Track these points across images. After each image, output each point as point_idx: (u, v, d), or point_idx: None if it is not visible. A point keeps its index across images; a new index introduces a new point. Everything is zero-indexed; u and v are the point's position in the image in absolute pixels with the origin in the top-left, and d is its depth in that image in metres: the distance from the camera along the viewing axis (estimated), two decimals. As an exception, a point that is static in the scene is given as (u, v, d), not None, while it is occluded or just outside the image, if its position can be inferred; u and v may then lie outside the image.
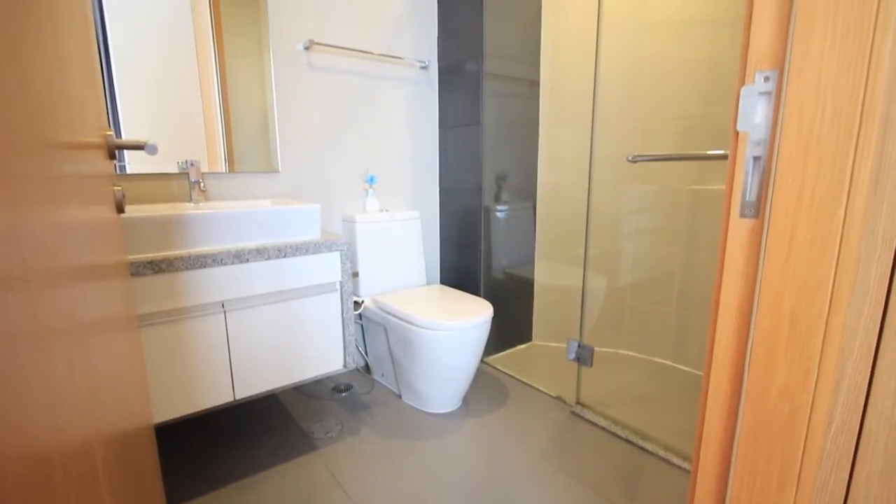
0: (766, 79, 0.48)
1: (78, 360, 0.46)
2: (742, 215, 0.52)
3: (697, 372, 1.97)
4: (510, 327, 2.20)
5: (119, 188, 0.78)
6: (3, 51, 0.35)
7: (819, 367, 0.50)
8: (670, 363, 2.06)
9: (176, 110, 1.45)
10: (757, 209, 0.51)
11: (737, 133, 0.51)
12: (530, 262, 2.23)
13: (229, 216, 1.22)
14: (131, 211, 1.30)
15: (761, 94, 0.49)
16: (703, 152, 1.42)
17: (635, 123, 2.00)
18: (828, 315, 0.48)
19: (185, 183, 1.49)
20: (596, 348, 1.66)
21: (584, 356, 1.64)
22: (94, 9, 1.28)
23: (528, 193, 2.16)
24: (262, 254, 1.24)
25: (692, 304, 1.98)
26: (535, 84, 2.08)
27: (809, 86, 0.44)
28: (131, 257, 1.08)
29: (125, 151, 1.39)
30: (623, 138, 2.03)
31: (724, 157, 1.15)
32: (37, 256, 0.38)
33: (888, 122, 0.45)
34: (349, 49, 1.73)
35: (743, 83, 0.50)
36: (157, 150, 1.01)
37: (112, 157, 0.75)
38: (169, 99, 1.43)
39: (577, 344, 1.66)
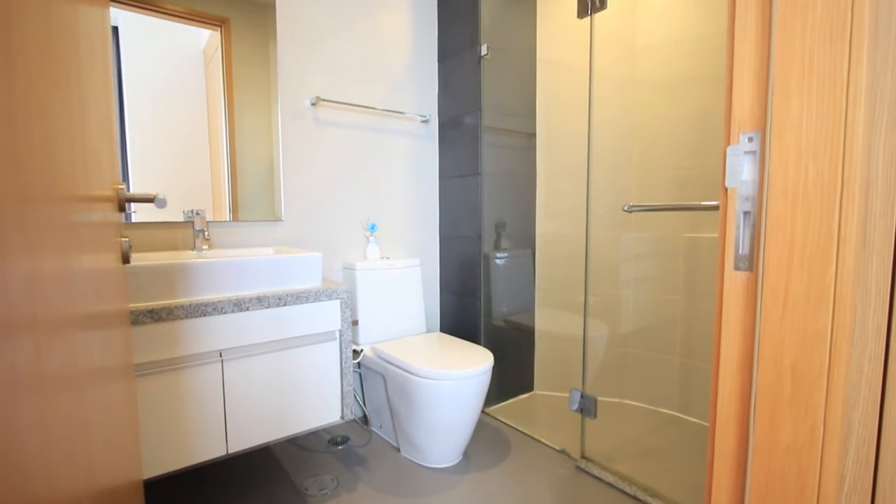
0: (750, 139, 0.51)
1: (77, 413, 0.46)
2: (736, 268, 0.53)
3: (705, 423, 1.91)
4: (511, 376, 2.16)
5: (126, 239, 0.80)
6: (32, 111, 0.37)
7: (825, 422, 0.50)
8: (677, 414, 2.00)
9: (184, 161, 1.50)
10: (750, 262, 0.52)
11: (726, 189, 0.54)
12: (530, 308, 2.22)
13: (231, 265, 1.23)
14: (136, 259, 1.31)
15: (746, 153, 0.51)
16: (697, 203, 1.45)
17: (630, 174, 2.06)
18: (829, 369, 0.48)
19: (189, 231, 1.51)
20: (599, 398, 1.62)
21: (587, 407, 1.60)
22: (113, 64, 1.36)
23: (526, 241, 2.19)
24: (262, 302, 1.25)
25: (696, 352, 1.96)
26: (531, 136, 2.16)
27: (791, 148, 0.47)
28: (132, 306, 1.09)
29: (133, 201, 1.42)
30: (618, 188, 2.08)
31: (717, 208, 1.18)
32: (47, 305, 0.38)
33: (869, 183, 0.47)
34: (354, 105, 1.82)
35: (728, 143, 0.53)
36: (167, 204, 1.04)
37: (122, 209, 0.77)
38: (178, 149, 1.49)
39: (579, 394, 1.62)
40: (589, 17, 1.60)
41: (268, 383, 1.28)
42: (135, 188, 1.41)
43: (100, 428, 0.58)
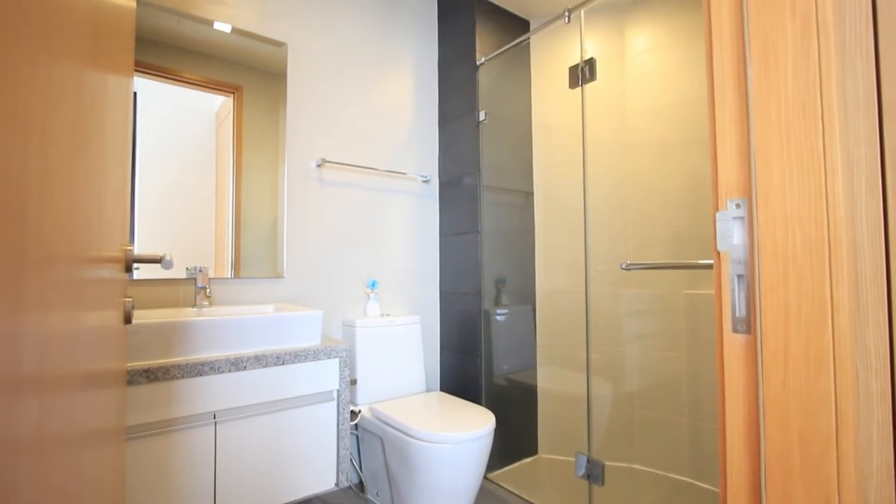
0: (738, 206, 0.53)
1: (69, 479, 0.44)
2: (735, 331, 0.53)
3: (718, 490, 1.81)
4: (514, 438, 2.08)
5: (130, 299, 0.81)
6: (59, 180, 0.40)
7: (839, 493, 0.48)
8: (689, 480, 1.90)
9: (190, 218, 1.54)
10: (748, 325, 0.52)
11: (718, 252, 0.55)
12: (532, 366, 2.18)
13: (230, 323, 1.23)
14: (136, 317, 1.31)
15: (735, 218, 0.54)
16: (694, 262, 1.47)
17: (626, 231, 2.10)
18: (837, 435, 0.47)
19: (191, 288, 1.52)
20: (607, 463, 1.55)
21: (594, 473, 1.53)
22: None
23: (526, 297, 2.19)
24: (259, 361, 1.23)
25: (704, 413, 1.90)
26: (529, 195, 2.23)
27: (777, 214, 0.49)
28: (129, 365, 1.07)
29: (138, 258, 1.44)
30: (616, 245, 2.11)
31: (713, 267, 1.20)
32: (52, 363, 0.38)
33: (857, 248, 0.48)
34: (357, 166, 1.89)
35: (717, 209, 0.55)
36: (173, 265, 1.06)
37: (128, 270, 0.79)
38: (184, 207, 1.53)
39: (585, 459, 1.56)
40: (580, 88, 1.70)
41: (261, 447, 1.23)
42: (140, 244, 1.44)
43: (87, 496, 0.56)
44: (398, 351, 1.87)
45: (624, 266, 1.54)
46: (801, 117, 0.48)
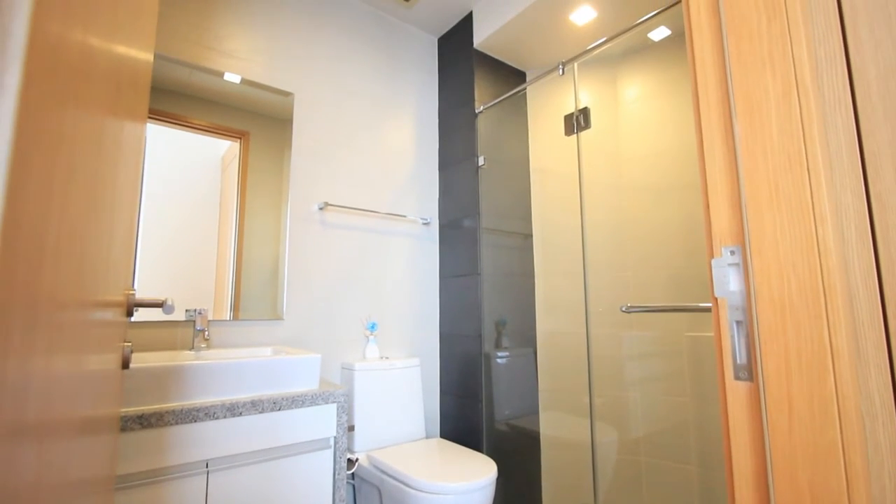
0: (732, 252, 0.55)
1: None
2: (737, 378, 0.53)
3: (733, 547, 1.72)
4: (517, 489, 2.00)
5: (129, 344, 0.80)
6: (73, 229, 0.41)
7: (856, 551, 0.46)
8: (700, 535, 1.81)
9: (191, 259, 1.55)
10: (750, 372, 0.52)
11: (716, 299, 0.56)
12: (534, 411, 2.12)
13: (227, 367, 1.21)
14: (133, 361, 1.29)
15: (730, 265, 0.55)
16: (695, 304, 1.47)
17: (626, 273, 2.11)
18: (848, 489, 0.46)
19: (189, 330, 1.51)
20: (614, 516, 1.48)
21: (601, 527, 1.46)
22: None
23: (527, 339, 2.17)
24: (256, 406, 1.20)
25: (713, 461, 1.83)
26: (528, 237, 2.25)
27: (771, 261, 0.50)
28: (123, 410, 1.05)
29: (138, 301, 1.44)
30: (616, 286, 2.12)
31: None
32: (53, 409, 0.38)
33: (852, 295, 0.49)
34: (359, 209, 1.93)
35: (712, 256, 0.56)
36: (174, 310, 1.06)
37: (129, 314, 0.79)
38: (186, 248, 1.54)
39: (592, 511, 1.49)
40: (575, 136, 1.76)
41: (253, 498, 1.19)
42: (140, 285, 1.44)
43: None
44: (397, 395, 1.83)
45: (624, 309, 1.54)
46: (788, 169, 0.50)
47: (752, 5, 0.56)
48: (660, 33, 2.03)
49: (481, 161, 2.06)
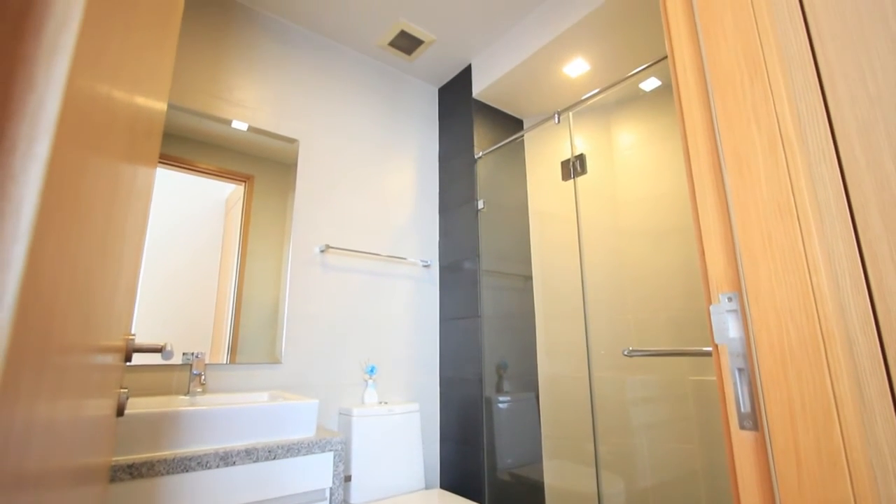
0: (730, 299, 0.55)
1: None
2: (742, 427, 0.52)
3: None
4: (520, 545, 1.90)
5: (125, 390, 0.79)
6: (83, 279, 0.42)
7: None
8: None
9: (190, 301, 1.55)
10: (755, 421, 0.52)
11: (717, 345, 0.56)
12: (538, 460, 2.05)
13: (222, 414, 1.19)
14: (128, 406, 1.26)
15: (728, 311, 0.55)
16: (697, 348, 1.46)
17: (626, 315, 2.10)
18: (863, 545, 0.44)
19: (186, 374, 1.49)
20: (623, 576, 1.40)
21: (610, 587, 1.37)
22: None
23: (529, 383, 2.13)
24: (250, 455, 1.17)
25: (724, 514, 1.75)
26: (528, 279, 2.26)
27: (769, 309, 0.51)
28: (113, 459, 1.02)
29: (135, 344, 1.43)
30: (617, 329, 2.10)
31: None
32: (52, 457, 0.37)
33: (851, 342, 0.49)
34: (360, 251, 1.95)
35: (710, 302, 0.57)
36: (173, 356, 1.05)
37: (128, 359, 0.79)
38: (186, 290, 1.54)
39: (600, 570, 1.41)
40: (572, 181, 1.81)
41: (244, 556, 1.13)
42: (138, 326, 1.43)
43: None
44: (396, 442, 1.77)
45: (626, 352, 1.52)
46: (779, 219, 0.52)
47: (734, 64, 0.60)
48: (650, 84, 2.13)
49: (481, 204, 2.10)
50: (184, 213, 1.59)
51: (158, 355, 1.44)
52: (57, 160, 0.25)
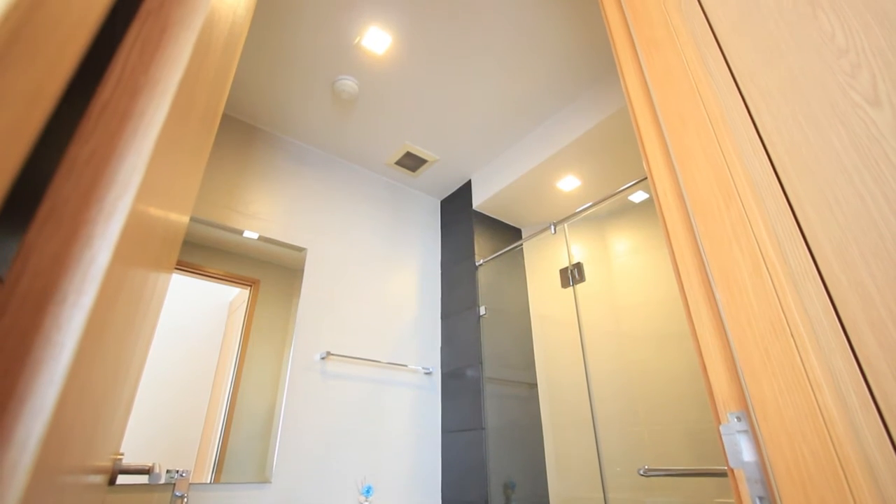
0: (739, 419, 0.54)
1: None
2: (773, 567, 0.48)
3: None
4: None
5: (104, 517, 0.73)
6: (89, 405, 0.42)
7: None
8: None
9: (179, 412, 1.48)
10: (786, 559, 0.47)
11: (732, 470, 0.54)
12: None
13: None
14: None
15: (739, 432, 0.54)
16: (719, 468, 1.37)
17: (639, 428, 1.99)
18: None
19: (167, 496, 1.37)
20: None
21: None
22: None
23: (539, 506, 1.94)
24: None
25: None
26: (533, 386, 2.19)
27: (780, 431, 0.50)
28: None
29: (118, 461, 1.34)
30: (631, 443, 1.98)
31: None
32: None
33: (872, 466, 0.48)
34: (361, 358, 1.92)
35: (719, 421, 0.56)
36: (162, 478, 0.99)
37: (112, 482, 0.74)
38: (177, 399, 1.49)
39: None
40: (572, 288, 1.85)
41: None
42: (125, 439, 1.35)
43: None
44: (391, 581, 1.57)
45: (642, 472, 1.42)
46: (774, 336, 0.53)
47: (708, 191, 0.66)
48: (639, 196, 2.28)
49: (482, 311, 2.12)
50: (184, 316, 1.59)
51: (145, 477, 1.34)
52: (100, 306, 0.27)
